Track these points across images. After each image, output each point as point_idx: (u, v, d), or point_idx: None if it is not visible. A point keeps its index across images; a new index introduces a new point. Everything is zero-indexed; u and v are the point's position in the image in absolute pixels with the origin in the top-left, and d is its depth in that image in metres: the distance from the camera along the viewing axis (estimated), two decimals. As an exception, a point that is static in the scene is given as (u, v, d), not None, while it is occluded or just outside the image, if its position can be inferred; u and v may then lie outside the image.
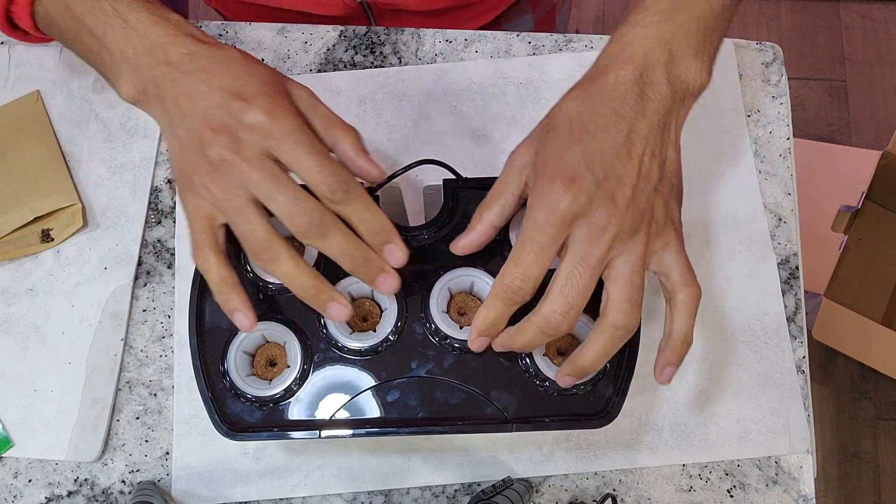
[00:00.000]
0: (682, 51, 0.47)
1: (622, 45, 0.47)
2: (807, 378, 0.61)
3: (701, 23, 0.48)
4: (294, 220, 0.44)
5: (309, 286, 0.45)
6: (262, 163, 0.44)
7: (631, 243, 0.45)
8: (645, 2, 0.48)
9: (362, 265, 0.46)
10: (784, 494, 0.59)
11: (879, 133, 1.61)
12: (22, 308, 0.62)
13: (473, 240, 0.49)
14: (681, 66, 0.47)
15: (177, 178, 0.47)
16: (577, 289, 0.44)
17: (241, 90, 0.44)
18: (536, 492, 0.59)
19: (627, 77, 0.46)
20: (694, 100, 0.49)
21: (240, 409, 0.51)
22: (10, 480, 0.59)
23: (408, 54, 0.69)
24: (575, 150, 0.45)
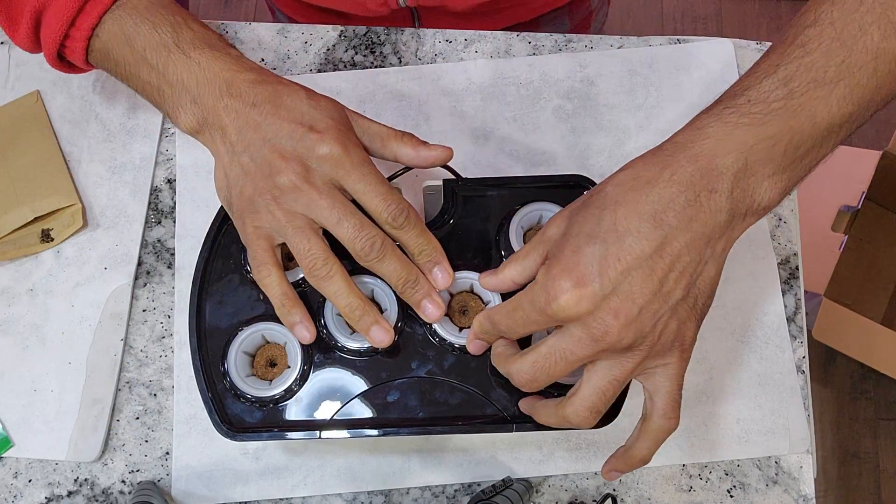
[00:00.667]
0: (759, 164, 0.41)
1: (694, 137, 0.42)
2: (807, 378, 0.61)
3: (794, 139, 0.41)
4: (357, 243, 0.47)
5: (356, 307, 0.48)
6: (330, 191, 0.47)
7: (621, 358, 0.43)
8: (739, 96, 0.42)
9: (411, 287, 0.49)
10: (784, 494, 0.59)
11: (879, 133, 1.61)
12: (22, 308, 0.62)
13: (496, 284, 0.50)
14: (752, 180, 0.41)
15: (234, 203, 0.50)
16: (547, 371, 0.44)
17: (313, 123, 0.48)
18: (536, 492, 0.59)
19: (684, 178, 0.41)
20: (756, 218, 0.43)
21: (240, 410, 0.51)
22: (10, 480, 0.59)
23: (408, 54, 0.69)
24: (594, 249, 0.41)
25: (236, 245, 0.54)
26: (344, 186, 0.48)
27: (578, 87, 0.67)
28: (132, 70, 0.51)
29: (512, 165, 0.65)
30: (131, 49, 0.51)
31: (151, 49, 0.50)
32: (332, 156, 0.47)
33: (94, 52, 0.53)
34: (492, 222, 0.54)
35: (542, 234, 0.47)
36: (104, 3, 0.51)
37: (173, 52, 0.50)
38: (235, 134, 0.48)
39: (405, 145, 0.51)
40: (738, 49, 0.68)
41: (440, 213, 0.54)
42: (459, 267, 0.52)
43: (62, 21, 0.51)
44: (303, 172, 0.47)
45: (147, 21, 0.51)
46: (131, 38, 0.51)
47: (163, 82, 0.50)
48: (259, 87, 0.49)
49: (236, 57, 0.50)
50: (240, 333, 0.52)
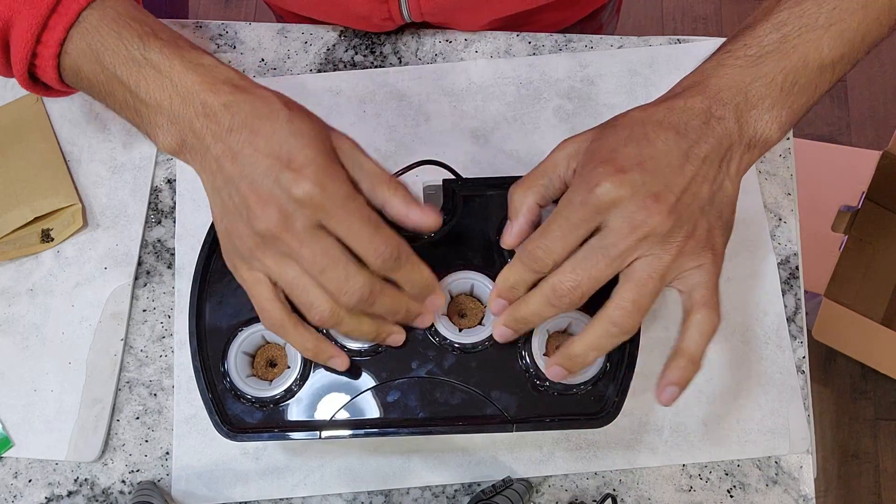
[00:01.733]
0: (757, 99, 0.46)
1: (698, 78, 0.47)
2: (807, 378, 0.61)
3: (788, 77, 0.46)
4: (343, 296, 0.44)
5: (369, 332, 0.48)
6: (312, 237, 0.44)
7: (659, 250, 0.45)
8: (734, 43, 0.48)
9: (403, 317, 0.49)
10: (784, 494, 0.59)
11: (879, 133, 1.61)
12: (22, 308, 0.62)
13: (523, 224, 0.48)
14: (752, 113, 0.46)
15: (221, 238, 0.47)
16: (590, 272, 0.44)
17: (291, 158, 0.43)
18: (536, 492, 0.59)
19: (696, 105, 0.46)
20: (760, 152, 0.48)
21: (240, 410, 0.51)
22: (10, 480, 0.59)
23: (408, 54, 0.69)
24: (630, 148, 0.45)
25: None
26: (326, 227, 0.44)
27: (578, 87, 0.67)
28: (105, 89, 0.48)
29: (512, 165, 0.65)
30: (101, 66, 0.47)
31: (121, 65, 0.46)
32: (309, 198, 0.43)
33: (66, 71, 0.49)
34: (492, 222, 0.54)
35: (561, 149, 0.48)
36: (69, 17, 0.47)
37: (144, 68, 0.46)
38: (214, 163, 0.45)
39: (397, 198, 0.46)
40: (738, 49, 0.68)
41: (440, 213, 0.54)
42: (459, 267, 0.52)
43: (28, 38, 0.47)
44: (280, 218, 0.43)
45: (114, 33, 0.47)
46: (99, 54, 0.47)
47: (137, 101, 0.47)
48: (234, 106, 0.44)
49: (210, 67, 0.46)
50: (240, 334, 0.52)
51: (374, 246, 0.44)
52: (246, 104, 0.45)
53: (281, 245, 0.44)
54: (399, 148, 0.66)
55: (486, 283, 0.52)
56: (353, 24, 0.69)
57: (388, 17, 0.66)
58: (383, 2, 0.65)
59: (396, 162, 0.65)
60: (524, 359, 0.52)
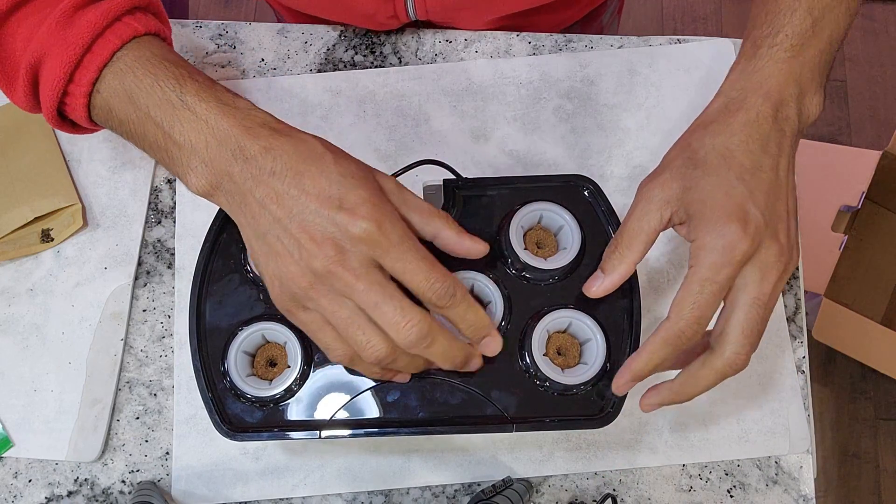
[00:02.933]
0: (807, 85, 0.50)
1: (758, 80, 0.49)
2: (807, 378, 0.61)
3: (822, 56, 0.50)
4: (401, 333, 0.43)
5: (421, 365, 0.47)
6: (369, 273, 0.43)
7: (785, 279, 0.47)
8: (776, 35, 0.50)
9: (461, 363, 0.47)
10: (784, 494, 0.59)
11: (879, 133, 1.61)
12: (22, 308, 0.62)
13: (616, 281, 0.49)
14: (806, 99, 0.50)
15: (269, 283, 0.46)
16: (758, 329, 0.46)
17: (343, 198, 0.43)
18: (536, 492, 0.59)
19: (768, 114, 0.48)
20: (805, 130, 0.51)
21: (240, 410, 0.51)
22: (10, 480, 0.59)
23: (408, 54, 0.69)
24: (740, 188, 0.46)
25: (236, 245, 0.54)
26: (383, 265, 0.44)
27: (578, 87, 0.67)
28: (137, 129, 0.47)
29: (512, 165, 0.65)
30: (134, 106, 0.47)
31: (155, 106, 0.46)
32: (366, 236, 0.43)
33: (97, 110, 0.49)
34: (492, 222, 0.54)
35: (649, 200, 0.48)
36: (103, 56, 0.47)
37: (178, 109, 0.45)
38: (257, 206, 0.44)
39: (449, 229, 0.47)
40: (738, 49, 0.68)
41: (440, 213, 0.54)
42: (459, 267, 0.52)
43: (60, 76, 0.47)
44: (336, 255, 0.43)
45: (149, 74, 0.46)
46: (133, 94, 0.46)
47: (170, 142, 0.46)
48: (275, 150, 0.44)
49: (246, 111, 0.46)
50: (240, 333, 0.52)
51: (431, 282, 0.44)
52: (287, 147, 0.44)
53: (336, 282, 0.43)
54: (399, 148, 0.66)
55: (486, 282, 0.52)
56: (356, 23, 0.69)
57: (392, 16, 0.67)
58: (388, 0, 0.65)
59: (396, 162, 0.65)
60: (524, 359, 0.52)
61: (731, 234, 0.45)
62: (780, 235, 0.46)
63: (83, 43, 0.47)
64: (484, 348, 0.48)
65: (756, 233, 0.45)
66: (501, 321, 0.52)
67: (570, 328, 0.53)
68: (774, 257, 0.46)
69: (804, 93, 0.50)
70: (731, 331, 0.46)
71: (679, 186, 0.47)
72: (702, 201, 0.46)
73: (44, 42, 0.47)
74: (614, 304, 0.53)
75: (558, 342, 0.53)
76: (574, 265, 0.53)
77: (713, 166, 0.47)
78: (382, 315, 0.43)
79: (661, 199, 0.48)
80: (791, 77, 0.49)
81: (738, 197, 0.46)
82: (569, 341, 0.53)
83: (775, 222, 0.46)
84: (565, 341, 0.53)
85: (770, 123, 0.48)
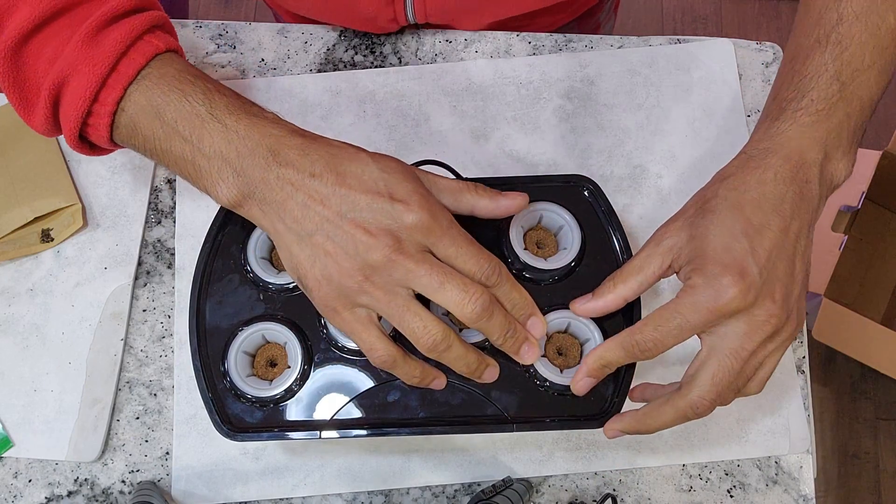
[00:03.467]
0: (834, 150, 0.49)
1: (781, 141, 0.48)
2: (807, 378, 0.61)
3: (852, 121, 0.49)
4: (466, 307, 0.45)
5: (473, 361, 0.48)
6: (425, 257, 0.45)
7: (776, 343, 0.47)
8: (802, 99, 0.49)
9: (511, 337, 0.48)
10: (784, 494, 0.59)
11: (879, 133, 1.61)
12: (22, 308, 0.62)
13: (600, 308, 0.50)
14: (832, 164, 0.49)
15: (314, 287, 0.46)
16: (728, 380, 0.46)
17: (391, 191, 0.45)
18: (536, 492, 0.59)
19: (787, 175, 0.47)
20: (832, 193, 0.50)
21: (240, 410, 0.51)
22: (10, 480, 0.59)
23: (408, 54, 0.69)
24: (742, 242, 0.45)
25: (236, 245, 0.54)
26: (435, 251, 0.45)
27: (578, 87, 0.67)
28: (162, 145, 0.47)
29: (512, 165, 0.65)
30: (161, 122, 0.46)
31: (183, 119, 0.46)
32: (421, 224, 0.44)
33: (120, 129, 0.48)
34: (492, 222, 0.54)
35: (657, 244, 0.48)
36: (128, 75, 0.47)
37: (208, 122, 0.46)
38: (299, 210, 0.45)
39: (482, 197, 0.49)
40: (738, 49, 0.68)
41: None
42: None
43: (84, 97, 0.46)
44: (395, 245, 0.44)
45: (176, 90, 0.46)
46: (161, 110, 0.46)
47: (198, 155, 0.46)
48: (312, 154, 0.45)
49: (274, 121, 0.47)
50: (240, 333, 0.52)
51: (480, 264, 0.45)
52: (321, 150, 0.45)
53: (395, 270, 0.44)
54: (399, 148, 0.66)
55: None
56: (356, 26, 0.69)
57: (392, 19, 0.67)
58: (389, 4, 0.65)
59: (396, 162, 0.65)
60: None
61: (723, 285, 0.45)
62: (776, 295, 0.46)
63: (109, 62, 0.46)
64: (532, 328, 0.49)
65: (750, 289, 0.45)
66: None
67: (570, 328, 0.53)
68: (765, 316, 0.45)
69: (829, 157, 0.49)
70: (701, 376, 0.47)
71: (686, 235, 0.48)
72: (702, 249, 0.46)
73: (70, 62, 0.46)
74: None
75: (558, 342, 0.53)
76: (574, 265, 0.53)
77: (721, 217, 0.47)
78: (447, 293, 0.44)
79: (667, 246, 0.48)
80: (815, 142, 0.48)
81: (739, 251, 0.45)
82: (569, 341, 0.53)
83: (773, 281, 0.46)
84: (565, 341, 0.53)
85: (787, 185, 0.47)
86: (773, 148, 0.48)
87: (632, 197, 0.65)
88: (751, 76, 0.68)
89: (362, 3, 0.65)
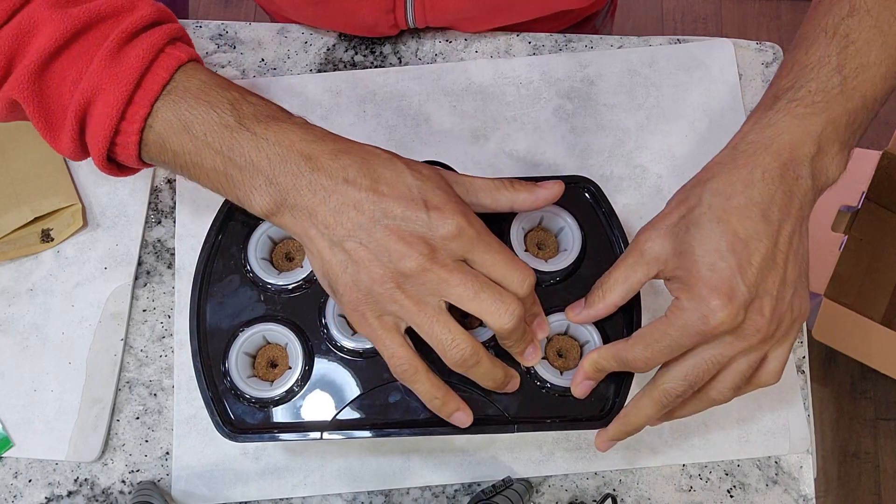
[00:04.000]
0: (828, 145, 0.47)
1: (771, 135, 0.46)
2: (807, 378, 0.61)
3: (851, 117, 0.47)
4: (503, 317, 0.44)
5: (500, 376, 0.48)
6: (459, 266, 0.44)
7: (757, 351, 0.47)
8: (799, 90, 0.47)
9: (521, 340, 0.48)
10: (784, 494, 0.59)
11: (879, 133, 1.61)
12: (22, 308, 0.62)
13: (593, 316, 0.50)
14: (825, 160, 0.47)
15: (344, 293, 0.45)
16: (699, 378, 0.47)
17: (426, 199, 0.44)
18: (536, 492, 0.59)
19: (775, 174, 0.45)
20: (824, 190, 0.49)
21: (241, 411, 0.51)
22: (10, 480, 0.59)
23: (408, 54, 0.69)
24: (730, 261, 0.44)
25: (236, 245, 0.54)
26: (469, 259, 0.45)
27: (578, 87, 0.67)
28: (193, 159, 0.46)
29: (512, 165, 0.65)
30: (191, 136, 0.45)
31: (213, 132, 0.45)
32: (458, 232, 0.43)
33: (148, 146, 0.47)
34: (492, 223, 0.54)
35: (641, 253, 0.48)
36: (154, 90, 0.45)
37: (237, 132, 0.45)
38: (332, 216, 0.44)
39: (520, 192, 0.48)
40: (738, 49, 0.68)
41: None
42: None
43: (111, 116, 0.45)
44: (429, 253, 0.43)
45: (203, 102, 0.45)
46: (189, 124, 0.45)
47: (230, 166, 0.45)
48: (344, 159, 0.44)
49: (303, 126, 0.46)
50: (241, 334, 0.52)
51: (512, 270, 0.45)
52: (354, 155, 0.45)
53: (429, 279, 0.43)
54: (399, 148, 0.66)
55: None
56: (357, 32, 0.69)
57: (393, 25, 0.67)
58: (390, 11, 0.65)
59: (396, 162, 0.65)
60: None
61: (711, 308, 0.44)
62: (764, 310, 0.45)
63: (133, 79, 0.45)
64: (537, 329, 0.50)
65: (739, 311, 0.44)
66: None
67: (570, 331, 0.53)
68: (752, 330, 0.45)
69: (823, 153, 0.47)
70: (675, 367, 0.47)
71: (671, 249, 0.47)
72: (688, 269, 0.45)
73: (94, 82, 0.45)
74: (614, 305, 0.53)
75: (558, 344, 0.53)
76: (575, 266, 0.53)
77: (706, 233, 0.45)
78: (482, 302, 0.44)
79: (652, 257, 0.47)
80: (808, 135, 0.46)
81: (726, 271, 0.44)
82: (569, 343, 0.53)
83: (762, 296, 0.45)
84: (565, 343, 0.53)
85: (776, 184, 0.45)
86: (762, 142, 0.46)
87: (632, 197, 0.65)
88: (751, 76, 0.68)
89: (363, 12, 0.65)
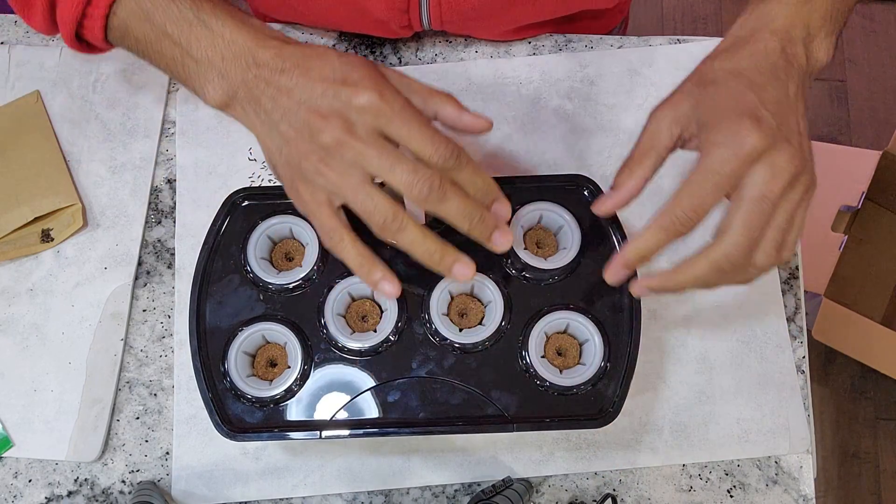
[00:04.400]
0: (817, 29, 0.50)
1: (765, 20, 0.50)
2: (807, 378, 0.61)
3: (835, 5, 0.51)
4: (414, 188, 0.45)
5: (435, 250, 0.47)
6: (377, 140, 0.45)
7: (798, 192, 0.46)
8: None
9: (479, 223, 0.47)
10: (784, 494, 0.59)
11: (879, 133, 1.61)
12: (22, 308, 0.62)
13: (624, 198, 0.49)
14: (815, 43, 0.50)
15: (282, 173, 0.48)
16: (761, 225, 0.45)
17: (345, 77, 0.46)
18: (536, 492, 0.59)
19: (776, 47, 0.48)
20: (815, 75, 0.52)
21: (240, 410, 0.51)
22: (10, 480, 0.59)
23: (408, 54, 0.69)
24: (751, 95, 0.46)
25: (236, 245, 0.54)
26: (388, 134, 0.46)
27: (578, 87, 0.67)
28: (153, 46, 0.50)
29: (512, 165, 0.65)
30: (151, 25, 0.49)
31: (171, 23, 0.49)
32: (370, 104, 0.45)
33: (113, 30, 0.52)
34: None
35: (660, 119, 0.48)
36: None
37: (195, 26, 0.48)
38: (270, 102, 0.47)
39: (448, 105, 0.49)
40: (738, 49, 0.68)
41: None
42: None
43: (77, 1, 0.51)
44: (344, 126, 0.45)
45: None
46: (150, 14, 0.49)
47: (187, 57, 0.49)
48: (285, 53, 0.47)
49: (258, 27, 0.49)
50: (240, 334, 0.52)
51: (435, 146, 0.45)
52: (297, 50, 0.48)
53: (347, 152, 0.45)
54: (399, 148, 0.66)
55: (486, 282, 0.53)
56: (368, 31, 0.69)
57: (406, 25, 0.66)
58: (404, 11, 0.64)
59: (396, 162, 0.65)
60: (524, 359, 0.52)
61: (742, 128, 0.45)
62: (792, 140, 0.46)
63: None
64: (497, 212, 0.48)
65: (768, 131, 0.45)
66: (501, 321, 0.52)
67: (569, 329, 0.53)
68: (786, 159, 0.45)
69: (812, 36, 0.50)
70: (732, 224, 0.45)
71: (689, 104, 0.48)
72: (712, 109, 0.47)
73: None
74: (613, 304, 0.53)
75: (558, 343, 0.53)
76: (574, 265, 0.53)
77: (724, 83, 0.47)
78: (396, 175, 0.45)
79: (671, 118, 0.48)
80: (799, 19, 0.49)
81: (750, 102, 0.46)
82: (568, 342, 0.53)
83: (787, 129, 0.46)
84: (565, 342, 0.53)
85: (777, 55, 0.48)
86: (758, 26, 0.49)
87: (632, 197, 0.64)
88: (751, 76, 0.68)
89: (373, 7, 0.64)
